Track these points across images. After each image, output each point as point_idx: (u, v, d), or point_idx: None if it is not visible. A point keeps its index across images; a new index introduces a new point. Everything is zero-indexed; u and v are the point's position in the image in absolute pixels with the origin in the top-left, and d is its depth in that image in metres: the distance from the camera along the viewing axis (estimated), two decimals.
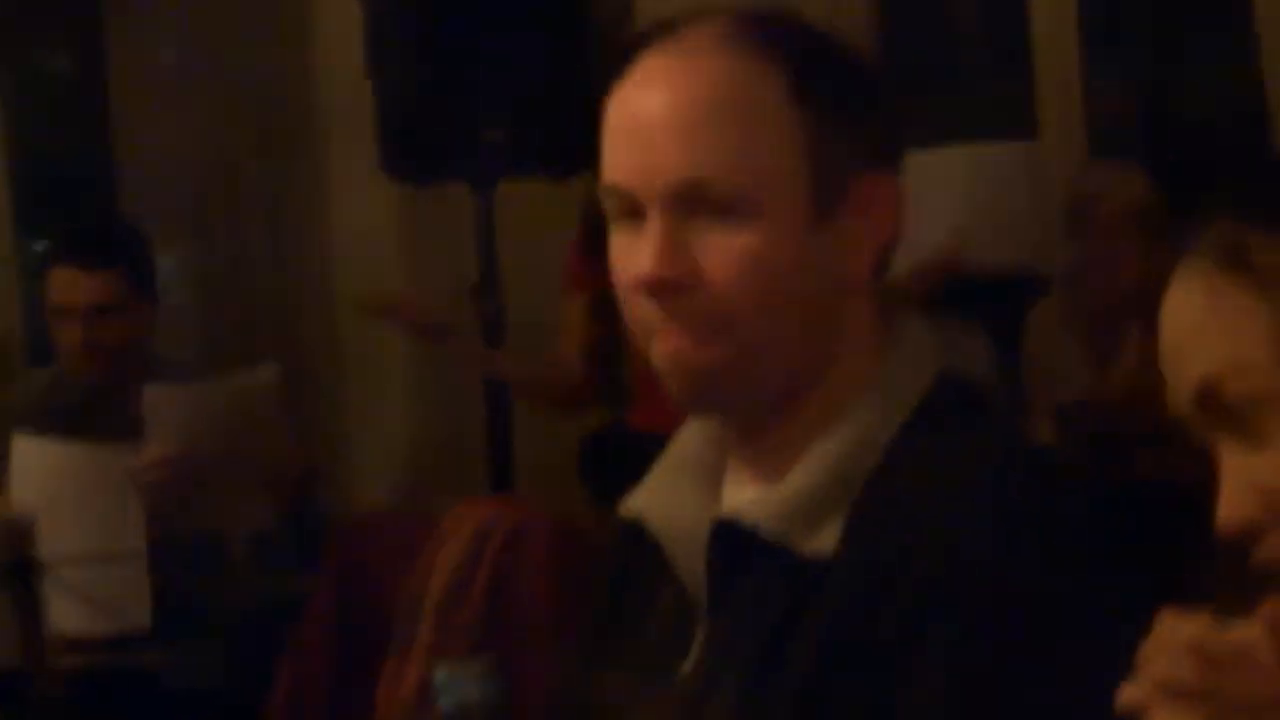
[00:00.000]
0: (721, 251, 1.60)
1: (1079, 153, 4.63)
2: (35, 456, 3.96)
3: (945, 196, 3.89)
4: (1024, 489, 1.60)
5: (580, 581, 2.56)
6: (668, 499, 1.72)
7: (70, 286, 4.22)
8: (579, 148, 4.25)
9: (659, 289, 1.61)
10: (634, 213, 1.63)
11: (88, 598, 3.65)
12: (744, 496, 1.67)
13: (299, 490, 4.19)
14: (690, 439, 1.75)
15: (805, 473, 1.63)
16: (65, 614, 3.57)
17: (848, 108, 1.65)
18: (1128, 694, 1.24)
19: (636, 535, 1.73)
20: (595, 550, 2.45)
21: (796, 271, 1.62)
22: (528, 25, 4.38)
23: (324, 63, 5.42)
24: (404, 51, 4.41)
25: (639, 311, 1.64)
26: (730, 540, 1.64)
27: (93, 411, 4.24)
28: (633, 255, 1.63)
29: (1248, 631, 1.22)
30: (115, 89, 5.40)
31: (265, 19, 5.43)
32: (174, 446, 3.96)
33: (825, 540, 1.59)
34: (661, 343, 1.63)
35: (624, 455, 3.93)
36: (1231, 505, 1.30)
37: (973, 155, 4.23)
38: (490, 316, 4.44)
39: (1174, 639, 1.23)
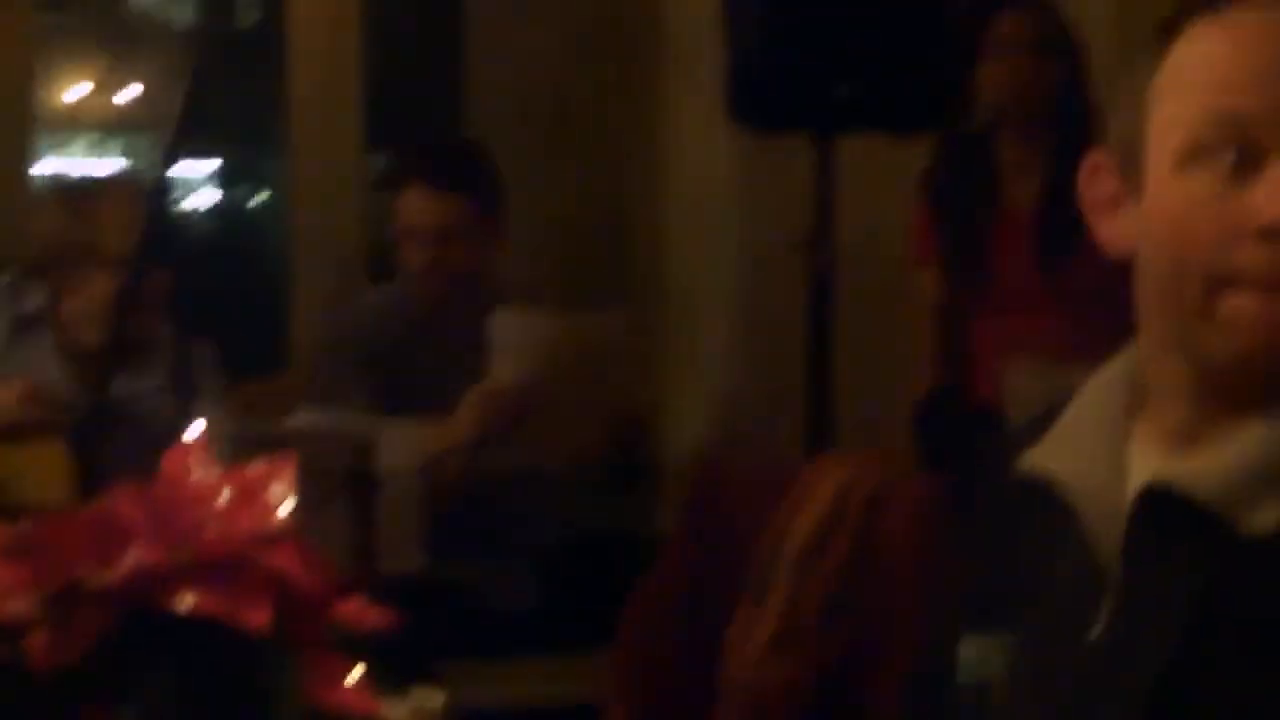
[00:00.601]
0: None
1: None
2: None
3: None
4: None
5: (949, 543, 2.53)
6: (1077, 458, 1.68)
7: (420, 207, 4.23)
8: (926, 107, 4.32)
9: None
10: (1243, 147, 1.58)
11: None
12: (1165, 460, 1.63)
13: (628, 430, 4.22)
14: (1099, 394, 1.71)
15: (1253, 444, 1.59)
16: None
17: None
18: None
19: (1036, 492, 1.69)
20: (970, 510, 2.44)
21: None
22: None
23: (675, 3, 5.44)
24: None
25: (1225, 259, 1.58)
26: (1156, 507, 1.60)
27: (431, 332, 4.29)
28: (1238, 197, 1.58)
29: None
30: (470, 8, 5.45)
31: None
32: (518, 374, 3.99)
33: (1269, 516, 1.55)
34: (1253, 300, 1.58)
35: (959, 420, 3.92)
36: None
37: None
38: (824, 271, 4.41)
39: None
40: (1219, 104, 1.58)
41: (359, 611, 1.54)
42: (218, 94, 3.13)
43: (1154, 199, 1.63)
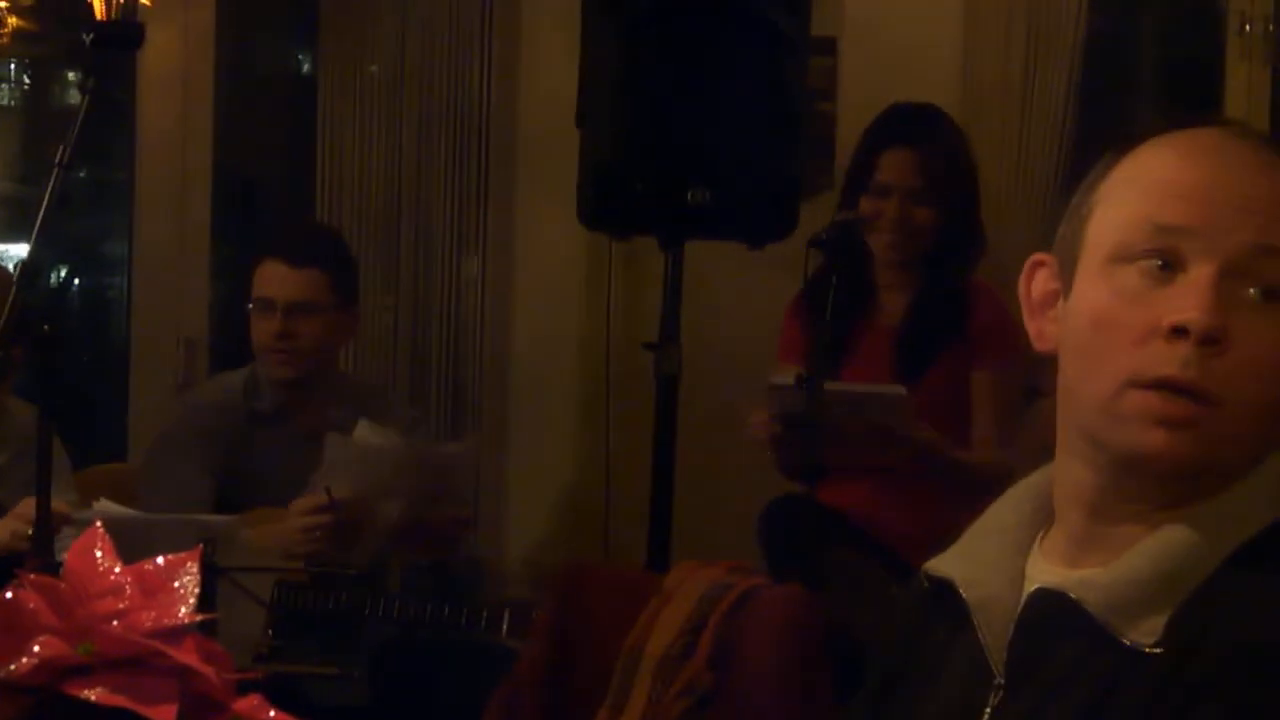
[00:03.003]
0: (1257, 329, 1.62)
1: None
2: None
3: None
4: None
5: (813, 651, 2.56)
6: (979, 563, 1.75)
7: (276, 279, 4.27)
8: (779, 216, 4.39)
9: (1203, 337, 1.61)
10: (1166, 255, 1.64)
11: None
12: (1059, 573, 1.70)
13: (456, 536, 4.26)
14: (1003, 510, 1.79)
15: (1140, 561, 1.64)
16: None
17: None
18: None
19: (938, 595, 1.77)
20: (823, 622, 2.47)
21: None
22: (741, 90, 4.41)
23: (528, 101, 5.47)
24: (615, 105, 4.44)
25: (1137, 359, 1.64)
26: (1046, 612, 1.67)
27: (284, 413, 4.29)
28: (1156, 299, 1.64)
29: None
30: (323, 103, 5.45)
31: (474, 51, 5.48)
32: (346, 492, 4.02)
33: (1148, 630, 1.61)
34: (1155, 399, 1.63)
35: (806, 526, 3.96)
36: None
37: None
38: (669, 374, 4.45)
39: None
40: (1150, 214, 1.66)
41: (257, 707, 1.55)
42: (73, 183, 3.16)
43: (1081, 294, 1.70)
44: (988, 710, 1.68)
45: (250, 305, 4.33)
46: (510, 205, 5.48)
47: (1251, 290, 1.62)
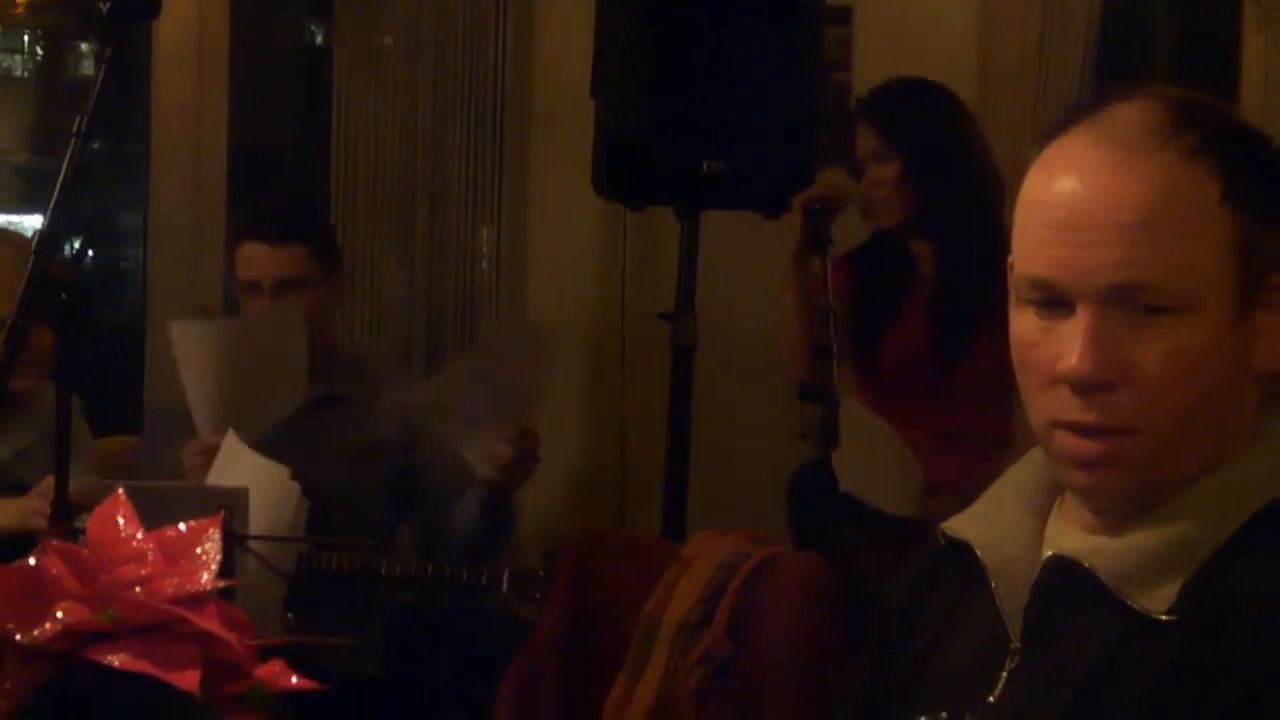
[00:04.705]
0: (1152, 350, 1.63)
1: None
2: None
3: None
4: None
5: (831, 620, 2.57)
6: (999, 528, 1.76)
7: (257, 260, 4.30)
8: (794, 187, 4.39)
9: (1087, 387, 1.63)
10: (1051, 301, 1.65)
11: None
12: (1075, 538, 1.71)
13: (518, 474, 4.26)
14: (1026, 472, 1.79)
15: (1154, 531, 1.66)
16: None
17: (1272, 205, 1.66)
18: None
19: (955, 555, 1.78)
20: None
21: (1219, 369, 1.64)
22: (756, 60, 4.40)
23: (543, 71, 5.46)
24: (630, 75, 4.43)
25: (1047, 402, 1.67)
26: (1061, 578, 1.68)
27: None
28: (1050, 344, 1.65)
29: None
30: (338, 75, 5.45)
31: (489, 20, 5.47)
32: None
33: (1161, 598, 1.63)
34: (1070, 440, 1.66)
35: (832, 496, 3.97)
36: None
37: None
38: (685, 344, 4.45)
39: None
40: (1028, 270, 1.67)
41: (279, 673, 1.56)
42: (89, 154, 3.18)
43: (1010, 323, 1.72)
44: (1004, 674, 1.70)
45: (237, 288, 4.36)
46: (525, 175, 5.48)
47: (1140, 310, 1.62)
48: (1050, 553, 1.70)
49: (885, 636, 1.87)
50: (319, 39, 5.93)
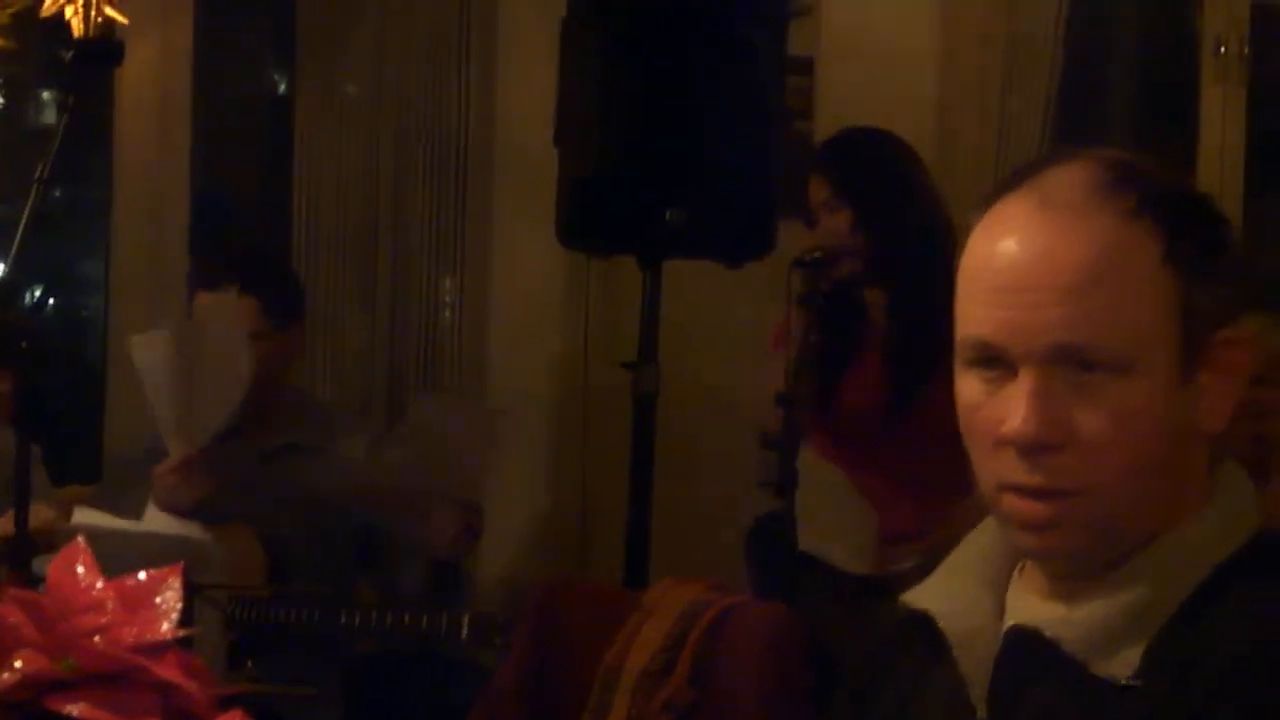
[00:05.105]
0: (1096, 411, 1.62)
1: None
2: None
3: None
4: None
5: (794, 669, 2.56)
6: (959, 599, 1.75)
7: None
8: (757, 236, 4.39)
9: (1032, 450, 1.63)
10: (994, 363, 1.66)
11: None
12: (1037, 608, 1.70)
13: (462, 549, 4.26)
14: (983, 540, 1.79)
15: (1113, 597, 1.65)
16: None
17: (1213, 265, 1.67)
18: None
19: (916, 627, 1.77)
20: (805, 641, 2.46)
21: (1163, 429, 1.64)
22: (718, 109, 4.41)
23: (506, 120, 5.47)
24: (592, 124, 4.43)
25: (993, 464, 1.67)
26: (1024, 649, 1.67)
27: (235, 433, 4.29)
28: (994, 407, 1.66)
29: None
30: (300, 120, 5.45)
31: (451, 69, 5.48)
32: None
33: (1123, 663, 1.62)
34: (1018, 503, 1.66)
35: (792, 544, 3.97)
36: None
37: None
38: (647, 393, 4.45)
39: None
40: (971, 333, 1.68)
41: None
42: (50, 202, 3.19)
43: (956, 390, 1.72)
44: None
45: None
46: (488, 223, 5.49)
47: (1082, 371, 1.63)
48: (1011, 623, 1.70)
49: (849, 708, 1.86)
50: (281, 88, 5.93)
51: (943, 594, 1.77)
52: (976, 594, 1.75)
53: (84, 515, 3.86)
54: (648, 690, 2.73)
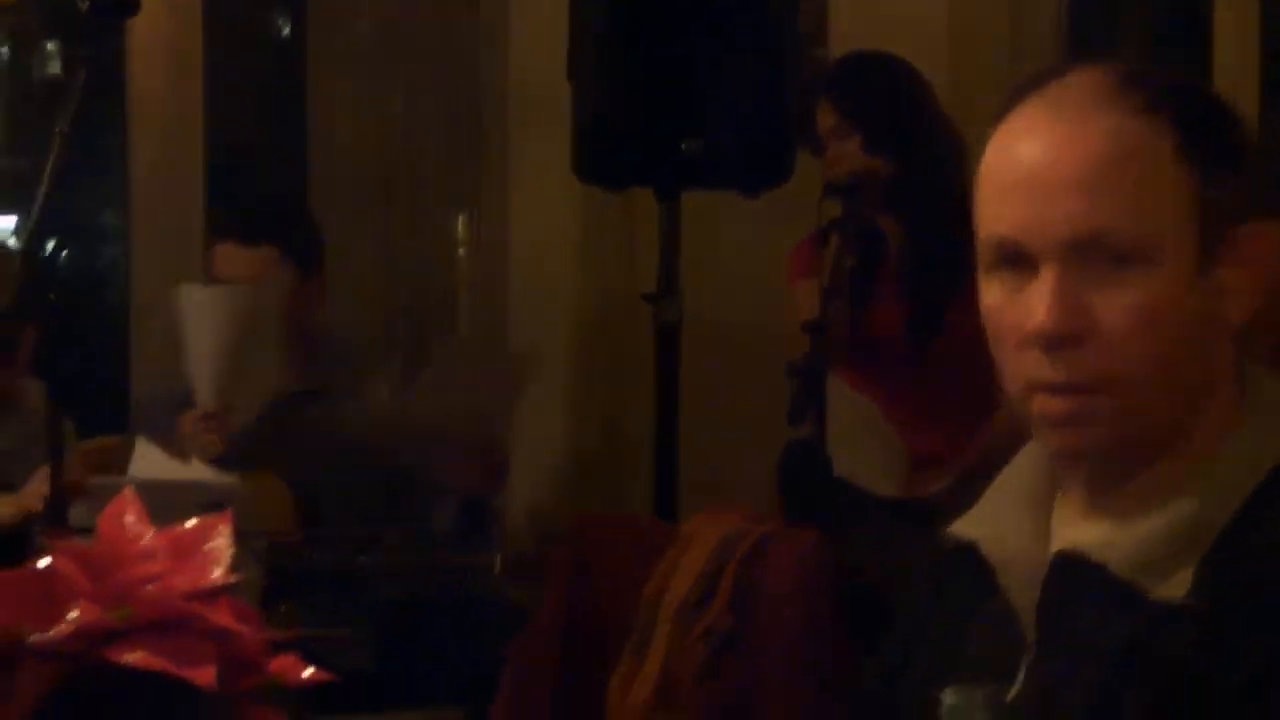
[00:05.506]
0: (1117, 303, 1.64)
1: None
2: None
3: None
4: None
5: (829, 593, 2.57)
6: (1003, 525, 1.76)
7: (230, 261, 4.26)
8: (773, 164, 4.39)
9: (1055, 344, 1.64)
10: (1016, 262, 1.67)
11: None
12: (1082, 530, 1.71)
13: (489, 488, 4.27)
14: (1024, 466, 1.78)
15: (1161, 518, 1.66)
16: None
17: (1229, 161, 1.68)
18: None
19: (962, 558, 1.77)
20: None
21: (1185, 322, 1.65)
22: (731, 39, 4.40)
23: (519, 56, 5.46)
24: (606, 57, 4.43)
25: (1020, 365, 1.67)
26: (1072, 574, 1.67)
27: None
28: (1018, 307, 1.66)
29: None
30: (313, 66, 5.44)
31: (462, 6, 5.47)
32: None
33: (1176, 584, 1.62)
34: (1045, 401, 1.66)
35: (822, 474, 3.97)
36: None
37: None
38: (669, 324, 4.46)
39: None
40: (992, 233, 1.69)
41: (292, 666, 1.55)
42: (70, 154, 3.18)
43: (980, 297, 1.73)
44: (1021, 672, 1.69)
45: None
46: (505, 161, 5.48)
47: (1102, 263, 1.64)
48: (1058, 548, 1.70)
49: (901, 638, 1.86)
50: (291, 31, 5.92)
51: (986, 523, 1.77)
52: (1020, 520, 1.75)
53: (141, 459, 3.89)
54: (688, 620, 2.74)
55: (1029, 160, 1.67)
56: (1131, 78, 1.68)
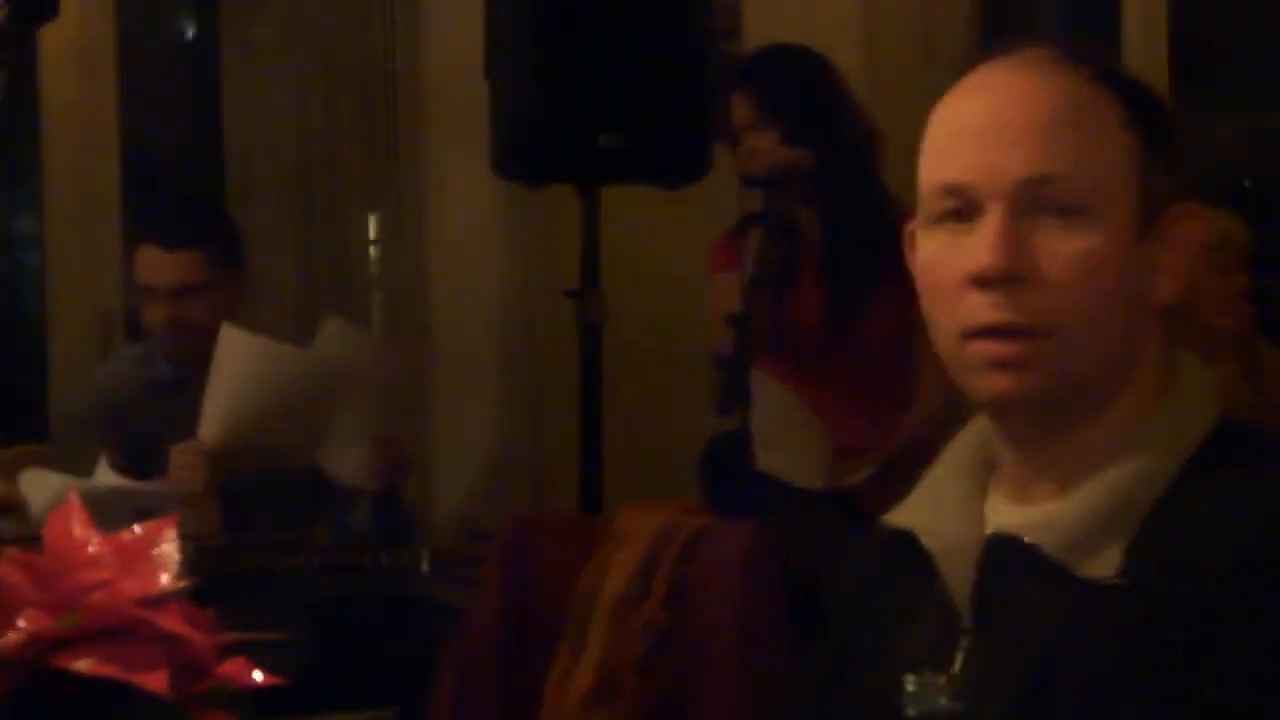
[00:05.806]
0: (1059, 250, 1.67)
1: None
2: None
3: None
4: None
5: (767, 586, 2.58)
6: (939, 512, 1.78)
7: (154, 266, 4.25)
8: (692, 158, 4.40)
9: (997, 279, 1.66)
10: (962, 212, 1.69)
11: None
12: (1015, 512, 1.73)
13: (392, 481, 4.26)
14: (957, 453, 1.81)
15: (1090, 496, 1.68)
16: None
17: (1165, 140, 1.72)
18: None
19: (901, 545, 1.78)
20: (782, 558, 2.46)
21: (1122, 281, 1.69)
22: (648, 34, 4.41)
23: (435, 53, 5.45)
24: (523, 53, 4.42)
25: (957, 310, 1.69)
26: (1004, 555, 1.70)
27: (182, 383, 4.29)
28: (961, 253, 1.69)
29: None
30: (227, 64, 5.42)
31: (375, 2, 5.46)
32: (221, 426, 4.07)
33: (1105, 563, 1.64)
34: (986, 345, 1.68)
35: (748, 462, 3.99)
36: None
37: None
38: (592, 321, 4.46)
39: None
40: (940, 178, 1.72)
41: (242, 670, 1.55)
42: None
43: (917, 252, 1.76)
44: (959, 654, 1.71)
45: (136, 292, 4.34)
46: (423, 159, 5.47)
47: (1047, 214, 1.67)
48: (991, 530, 1.72)
49: (839, 628, 1.87)
50: (204, 31, 5.88)
51: (922, 510, 1.79)
52: (956, 506, 1.77)
53: (32, 474, 3.86)
54: (624, 616, 2.74)
55: (983, 108, 1.71)
56: (1074, 52, 1.72)
